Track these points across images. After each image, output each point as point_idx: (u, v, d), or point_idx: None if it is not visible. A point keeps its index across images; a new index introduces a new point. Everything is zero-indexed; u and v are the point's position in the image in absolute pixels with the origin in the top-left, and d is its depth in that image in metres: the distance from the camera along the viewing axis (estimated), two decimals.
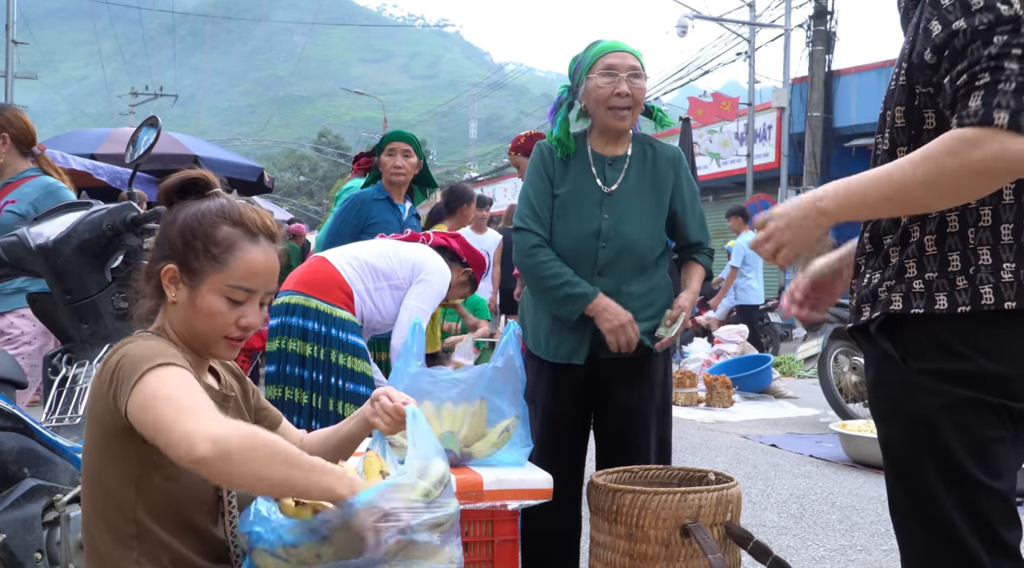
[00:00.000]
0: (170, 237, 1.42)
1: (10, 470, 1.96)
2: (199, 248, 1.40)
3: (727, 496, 2.16)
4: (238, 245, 1.42)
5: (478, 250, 3.57)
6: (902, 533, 1.47)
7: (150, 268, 1.45)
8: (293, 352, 3.08)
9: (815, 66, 14.87)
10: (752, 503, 4.06)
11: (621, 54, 2.48)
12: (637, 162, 2.56)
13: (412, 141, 3.82)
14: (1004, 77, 1.23)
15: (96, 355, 2.43)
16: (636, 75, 2.47)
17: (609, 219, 2.48)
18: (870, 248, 1.48)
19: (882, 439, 1.48)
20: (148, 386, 1.26)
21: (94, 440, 1.37)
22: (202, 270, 1.40)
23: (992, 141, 1.22)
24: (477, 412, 2.23)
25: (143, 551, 1.33)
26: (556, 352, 2.52)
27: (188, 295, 1.41)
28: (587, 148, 2.57)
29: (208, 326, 1.42)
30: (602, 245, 2.47)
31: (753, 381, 7.85)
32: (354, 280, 3.17)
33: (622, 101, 2.46)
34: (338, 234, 3.68)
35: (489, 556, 2.09)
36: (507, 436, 2.24)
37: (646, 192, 2.53)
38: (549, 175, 2.55)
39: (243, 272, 1.42)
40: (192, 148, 9.36)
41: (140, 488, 1.34)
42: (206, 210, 1.43)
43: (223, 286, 1.41)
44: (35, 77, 19.23)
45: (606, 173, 2.53)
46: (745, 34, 16.98)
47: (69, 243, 2.44)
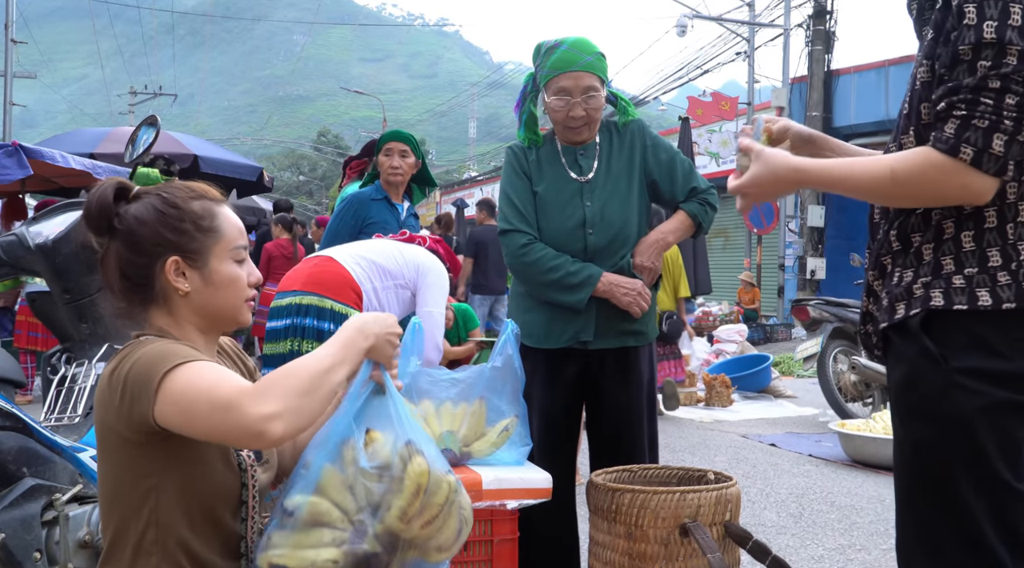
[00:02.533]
0: (152, 235, 1.39)
1: (9, 469, 1.96)
2: (190, 229, 1.41)
3: (726, 495, 2.16)
4: (216, 212, 1.45)
5: (455, 255, 3.65)
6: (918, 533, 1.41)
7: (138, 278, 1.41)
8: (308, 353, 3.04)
9: (814, 66, 14.87)
10: (751, 502, 4.06)
11: (575, 75, 2.43)
12: (606, 146, 2.57)
13: (409, 141, 3.81)
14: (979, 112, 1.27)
15: (95, 354, 2.43)
16: (591, 95, 2.45)
17: (592, 206, 2.49)
18: (898, 246, 1.45)
19: (910, 439, 1.41)
20: (176, 389, 1.26)
21: (107, 450, 1.36)
22: (204, 247, 1.42)
23: (956, 174, 1.29)
24: (476, 411, 2.23)
25: (163, 555, 1.33)
26: (561, 337, 2.51)
27: (200, 277, 1.42)
28: (556, 144, 2.58)
29: (230, 295, 1.44)
30: (589, 232, 2.48)
31: (752, 380, 7.85)
32: (363, 280, 3.17)
33: (576, 122, 2.48)
34: (336, 233, 3.69)
35: (488, 556, 2.09)
36: (506, 435, 2.24)
37: (622, 173, 2.54)
38: (526, 173, 2.57)
39: (234, 232, 1.46)
40: (191, 147, 9.34)
41: (160, 492, 1.33)
42: (170, 195, 1.43)
43: (228, 251, 1.44)
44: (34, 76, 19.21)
45: (579, 163, 2.54)
46: (744, 34, 16.97)
47: (68, 242, 2.44)
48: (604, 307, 2.48)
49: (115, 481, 1.35)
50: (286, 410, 1.23)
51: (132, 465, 1.33)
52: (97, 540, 2.07)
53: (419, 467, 1.43)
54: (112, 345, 2.46)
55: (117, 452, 1.34)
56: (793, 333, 13.32)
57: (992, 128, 1.26)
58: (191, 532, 1.35)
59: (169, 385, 1.26)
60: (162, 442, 1.31)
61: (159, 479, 1.33)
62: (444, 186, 34.02)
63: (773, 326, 13.92)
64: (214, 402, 1.24)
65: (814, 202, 14.55)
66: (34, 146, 7.39)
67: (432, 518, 1.46)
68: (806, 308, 6.66)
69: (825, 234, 14.63)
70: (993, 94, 1.26)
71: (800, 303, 6.84)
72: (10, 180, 7.18)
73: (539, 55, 2.53)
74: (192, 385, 1.26)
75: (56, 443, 2.09)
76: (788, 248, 15.47)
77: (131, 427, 1.30)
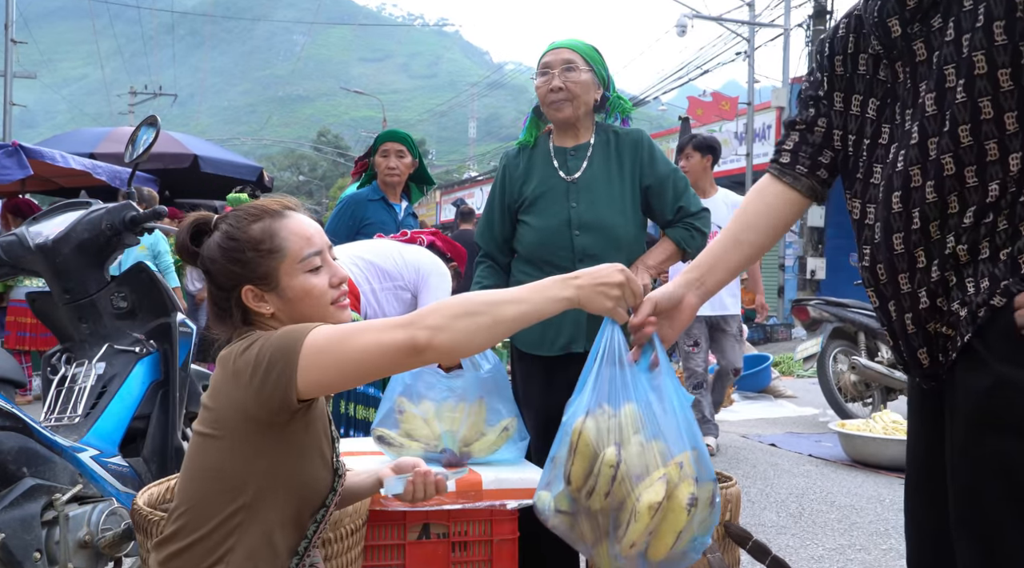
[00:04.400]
0: (222, 270, 1.45)
1: (9, 469, 1.96)
2: (251, 257, 1.44)
3: (726, 495, 2.16)
4: (275, 229, 1.46)
5: (456, 242, 3.62)
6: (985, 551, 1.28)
7: (226, 307, 1.47)
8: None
9: None
10: (751, 502, 4.06)
11: (556, 51, 2.51)
12: (601, 148, 2.56)
13: (406, 141, 3.81)
14: None
15: (95, 354, 2.43)
16: (570, 68, 2.48)
17: (578, 206, 2.49)
18: (966, 258, 1.34)
19: (1000, 453, 1.27)
20: (319, 340, 1.30)
21: (222, 429, 1.37)
22: (270, 269, 1.44)
23: None
24: (476, 412, 2.23)
25: (242, 538, 1.35)
26: (554, 345, 2.51)
27: (278, 296, 1.45)
28: (548, 145, 2.60)
29: (313, 304, 1.46)
30: (576, 233, 2.47)
31: (752, 380, 7.85)
32: (360, 280, 3.17)
33: (556, 95, 2.49)
34: (334, 234, 3.69)
35: (488, 556, 2.09)
36: (506, 435, 2.24)
37: (613, 176, 2.53)
38: (508, 183, 2.61)
39: (301, 243, 1.47)
40: (191, 147, 9.35)
41: (267, 476, 1.36)
42: (228, 227, 1.47)
43: (295, 266, 1.45)
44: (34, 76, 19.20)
45: (568, 163, 2.54)
46: (744, 34, 16.98)
47: (68, 242, 2.43)
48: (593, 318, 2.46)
49: (222, 461, 1.36)
50: (445, 326, 1.27)
51: (246, 445, 1.35)
52: (97, 540, 2.07)
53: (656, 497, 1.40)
54: (112, 345, 2.46)
55: (238, 433, 1.35)
56: (793, 333, 13.32)
57: None
58: (278, 521, 1.38)
59: (312, 340, 1.30)
60: (285, 425, 1.35)
61: (273, 466, 1.36)
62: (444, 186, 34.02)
63: (773, 326, 13.92)
64: (368, 328, 1.29)
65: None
66: (34, 146, 7.40)
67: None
68: (806, 308, 6.66)
69: (825, 234, 14.62)
70: None
71: (800, 303, 6.84)
72: (10, 180, 7.19)
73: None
74: (339, 329, 1.31)
75: (56, 443, 2.09)
76: (788, 248, 15.47)
77: (261, 402, 1.32)
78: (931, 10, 1.35)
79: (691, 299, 1.61)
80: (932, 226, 1.35)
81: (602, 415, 1.46)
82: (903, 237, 1.38)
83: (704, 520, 1.45)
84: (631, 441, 1.43)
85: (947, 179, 1.32)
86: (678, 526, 1.40)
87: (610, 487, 1.41)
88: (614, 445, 1.43)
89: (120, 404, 2.37)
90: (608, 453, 1.43)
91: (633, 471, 1.41)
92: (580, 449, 1.45)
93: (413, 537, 2.04)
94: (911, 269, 1.39)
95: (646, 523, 1.39)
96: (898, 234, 1.39)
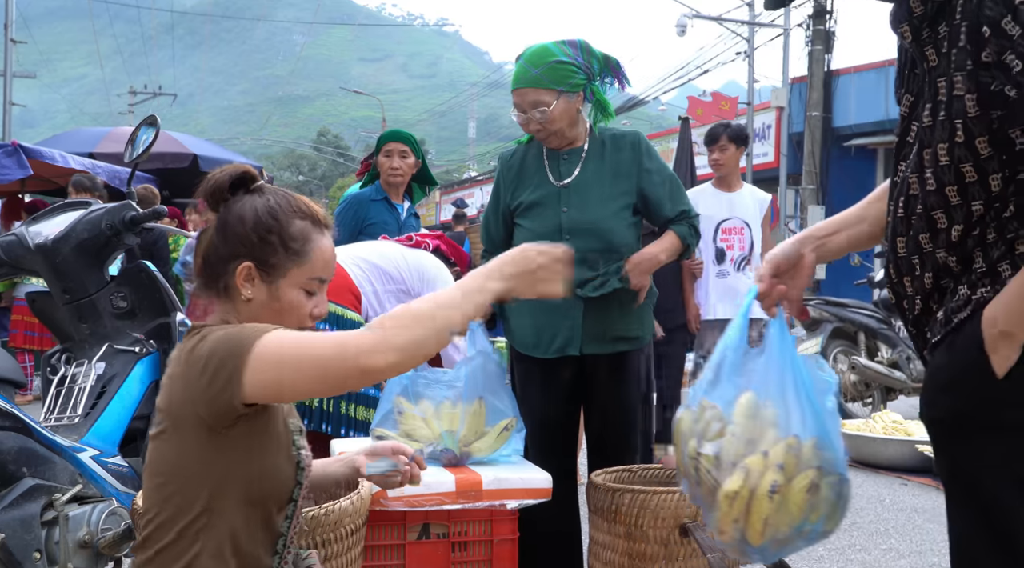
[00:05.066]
0: (241, 235, 1.41)
1: (9, 470, 1.96)
2: (276, 243, 1.41)
3: None
4: (312, 237, 1.44)
5: (459, 246, 3.62)
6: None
7: (215, 268, 1.43)
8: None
9: (814, 66, 14.88)
10: None
11: (521, 92, 2.46)
12: (595, 152, 2.54)
13: (409, 141, 3.81)
14: None
15: (95, 354, 2.43)
16: (540, 109, 2.43)
17: (569, 211, 2.48)
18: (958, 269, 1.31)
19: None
20: (268, 350, 1.27)
21: (177, 429, 1.34)
22: (281, 265, 1.42)
23: None
24: (476, 411, 2.23)
25: (207, 542, 1.32)
26: (549, 347, 2.51)
27: (267, 291, 1.42)
28: (542, 149, 2.58)
29: (286, 318, 1.44)
30: (566, 236, 2.44)
31: None
32: (362, 282, 3.16)
33: (538, 134, 2.51)
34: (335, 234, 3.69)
35: (488, 556, 2.09)
36: (506, 435, 2.24)
37: (605, 179, 2.51)
38: (503, 188, 2.62)
39: (320, 263, 1.45)
40: (191, 147, 9.35)
41: (225, 479, 1.33)
42: (276, 205, 1.43)
43: (304, 279, 1.43)
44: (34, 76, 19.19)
45: (560, 168, 2.53)
46: (744, 33, 16.98)
47: (68, 242, 2.44)
48: (589, 317, 2.46)
49: (177, 463, 1.34)
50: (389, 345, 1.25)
51: (203, 448, 1.32)
52: (97, 540, 2.07)
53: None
54: (112, 345, 2.46)
55: (189, 433, 1.33)
56: (793, 333, 13.32)
57: None
58: (243, 523, 1.35)
59: (260, 348, 1.27)
60: (238, 428, 1.32)
61: (227, 466, 1.33)
62: (444, 186, 34.02)
63: None
64: (313, 345, 1.26)
65: (814, 202, 14.56)
66: (34, 146, 7.41)
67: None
68: (806, 308, 6.64)
69: None
70: None
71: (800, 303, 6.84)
72: (10, 180, 7.20)
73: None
74: (287, 339, 1.28)
75: (56, 443, 2.09)
76: None
77: (211, 407, 1.29)
78: (937, 16, 1.32)
79: (810, 256, 1.53)
80: (923, 238, 1.34)
81: (698, 407, 1.49)
82: (904, 242, 1.38)
83: (816, 507, 1.44)
84: (726, 431, 1.45)
85: (931, 194, 1.30)
86: (763, 514, 1.40)
87: (697, 477, 1.45)
88: (695, 438, 1.46)
89: (120, 404, 2.37)
90: (691, 446, 1.47)
91: (725, 459, 1.43)
92: (676, 440, 1.51)
93: (413, 537, 2.04)
94: (910, 274, 1.38)
95: (725, 511, 1.41)
96: (900, 238, 1.38)
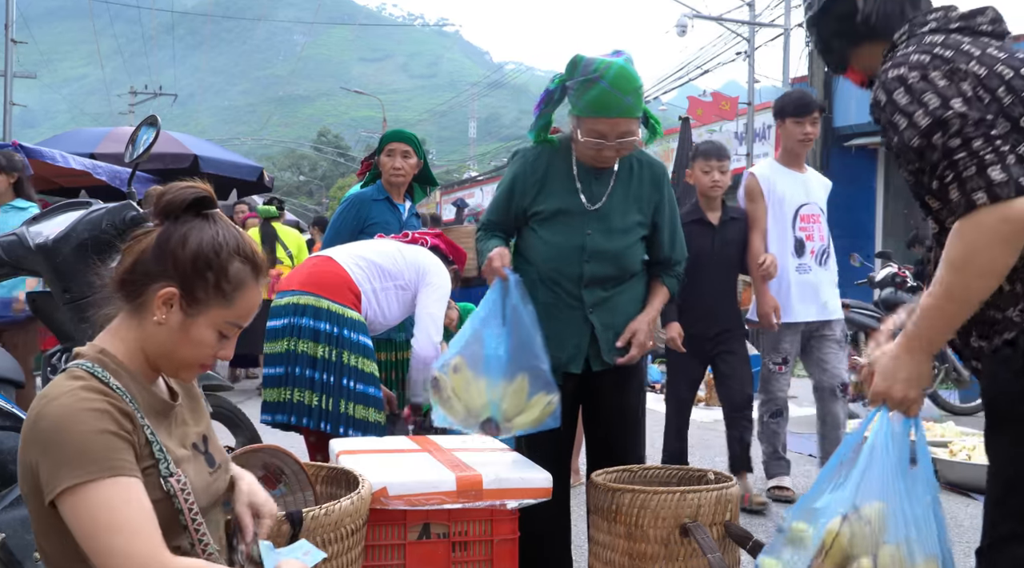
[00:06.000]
0: (178, 259, 1.36)
1: (9, 470, 1.96)
2: (210, 280, 1.37)
3: (726, 495, 2.16)
4: (246, 284, 1.41)
5: (458, 245, 3.62)
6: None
7: (138, 280, 1.38)
8: (303, 354, 3.04)
9: (815, 66, 14.86)
10: None
11: (612, 122, 2.35)
12: (623, 176, 2.54)
13: (411, 141, 3.80)
14: (963, 166, 1.40)
15: None
16: (627, 138, 2.39)
17: (593, 235, 2.48)
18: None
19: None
20: (89, 507, 1.21)
21: (27, 487, 1.30)
22: (206, 302, 1.37)
23: (989, 218, 1.38)
24: (518, 389, 2.31)
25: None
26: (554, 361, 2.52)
27: (181, 321, 1.37)
28: (571, 158, 2.53)
29: (191, 354, 1.39)
30: (586, 260, 2.48)
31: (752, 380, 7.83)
32: (362, 280, 3.17)
33: (606, 162, 2.48)
34: (337, 233, 3.69)
35: (488, 556, 2.09)
36: (549, 410, 2.30)
37: (630, 207, 2.52)
38: (521, 186, 2.55)
39: (244, 311, 1.41)
40: (191, 147, 9.34)
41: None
42: (222, 241, 1.39)
43: (222, 322, 1.39)
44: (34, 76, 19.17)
45: (592, 189, 2.51)
46: (745, 33, 16.97)
47: (68, 242, 2.44)
48: (596, 338, 2.50)
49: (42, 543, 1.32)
50: None
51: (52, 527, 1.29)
52: None
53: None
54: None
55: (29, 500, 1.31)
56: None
57: (982, 166, 1.39)
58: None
59: (85, 499, 1.22)
60: None
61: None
62: (444, 186, 33.99)
63: None
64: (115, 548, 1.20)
65: None
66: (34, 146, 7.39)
67: None
68: None
69: None
70: (963, 149, 1.41)
71: None
72: None
73: (575, 73, 2.38)
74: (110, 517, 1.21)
75: None
76: None
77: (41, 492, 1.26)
78: None
79: (895, 343, 1.64)
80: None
81: (858, 520, 1.49)
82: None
83: None
84: (884, 550, 1.46)
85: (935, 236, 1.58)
86: None
87: None
88: (870, 556, 1.46)
89: None
90: (863, 564, 1.46)
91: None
92: (832, 553, 1.49)
93: (413, 537, 2.04)
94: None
95: None
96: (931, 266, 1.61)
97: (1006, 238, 1.38)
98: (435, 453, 2.35)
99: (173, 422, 1.43)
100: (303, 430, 3.18)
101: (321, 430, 3.03)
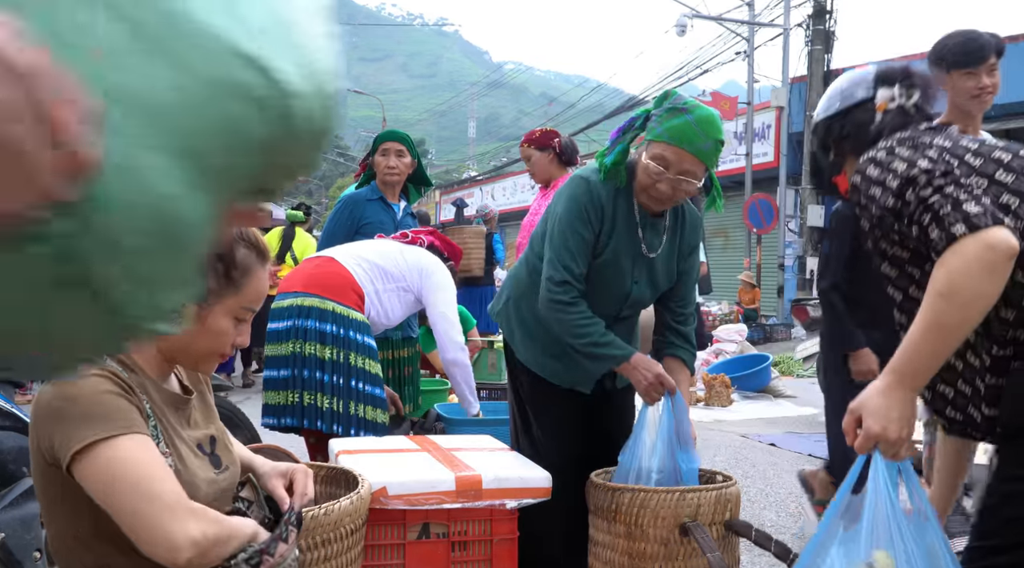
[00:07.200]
0: None
1: (9, 469, 1.96)
2: (220, 270, 1.40)
3: (726, 495, 2.16)
4: (253, 269, 1.44)
5: (454, 242, 3.64)
6: None
7: None
8: (311, 356, 3.02)
9: (814, 65, 14.86)
10: (751, 502, 4.06)
11: (680, 155, 2.24)
12: (672, 227, 2.51)
13: (405, 141, 3.81)
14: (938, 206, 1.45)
15: None
16: (687, 180, 2.27)
17: (639, 284, 2.46)
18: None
19: None
20: (108, 462, 1.23)
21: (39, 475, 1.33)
22: (218, 291, 1.40)
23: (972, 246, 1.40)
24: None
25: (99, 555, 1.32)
26: (563, 378, 2.53)
27: (196, 313, 1.39)
28: (632, 202, 2.42)
29: (210, 344, 1.42)
30: (628, 306, 2.49)
31: (752, 380, 7.85)
32: (364, 281, 3.16)
33: (659, 195, 2.32)
34: (332, 234, 3.69)
35: (488, 555, 2.09)
36: None
37: (672, 260, 2.52)
38: (592, 222, 2.37)
39: (254, 295, 1.45)
40: None
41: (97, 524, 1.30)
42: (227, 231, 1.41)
43: (237, 308, 1.42)
44: None
45: (649, 237, 2.45)
46: (744, 33, 16.96)
47: None
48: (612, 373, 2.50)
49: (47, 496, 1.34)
50: (206, 547, 1.23)
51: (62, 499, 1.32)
52: None
53: None
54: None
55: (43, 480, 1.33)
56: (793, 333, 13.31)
57: (957, 203, 1.43)
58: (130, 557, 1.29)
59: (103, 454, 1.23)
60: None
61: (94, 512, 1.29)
62: (444, 186, 34.00)
63: (773, 326, 13.91)
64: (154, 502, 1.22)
65: (814, 202, 14.55)
66: None
67: None
68: (806, 308, 6.66)
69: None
70: (935, 193, 1.46)
71: (800, 303, 6.84)
72: None
73: (662, 104, 2.32)
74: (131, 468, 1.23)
75: None
76: (788, 248, 15.46)
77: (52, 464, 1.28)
78: None
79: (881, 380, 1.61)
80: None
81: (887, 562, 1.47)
82: None
83: None
84: None
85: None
86: None
87: None
88: None
89: None
90: None
91: None
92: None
93: (413, 537, 2.04)
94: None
95: None
96: None
97: (990, 266, 1.39)
98: (434, 453, 2.35)
99: (182, 418, 1.45)
100: (303, 431, 3.17)
101: (334, 432, 3.01)
